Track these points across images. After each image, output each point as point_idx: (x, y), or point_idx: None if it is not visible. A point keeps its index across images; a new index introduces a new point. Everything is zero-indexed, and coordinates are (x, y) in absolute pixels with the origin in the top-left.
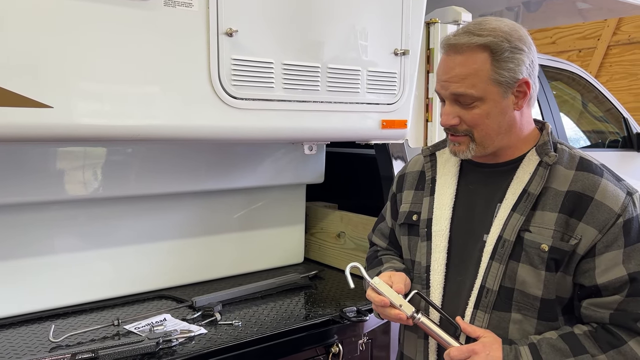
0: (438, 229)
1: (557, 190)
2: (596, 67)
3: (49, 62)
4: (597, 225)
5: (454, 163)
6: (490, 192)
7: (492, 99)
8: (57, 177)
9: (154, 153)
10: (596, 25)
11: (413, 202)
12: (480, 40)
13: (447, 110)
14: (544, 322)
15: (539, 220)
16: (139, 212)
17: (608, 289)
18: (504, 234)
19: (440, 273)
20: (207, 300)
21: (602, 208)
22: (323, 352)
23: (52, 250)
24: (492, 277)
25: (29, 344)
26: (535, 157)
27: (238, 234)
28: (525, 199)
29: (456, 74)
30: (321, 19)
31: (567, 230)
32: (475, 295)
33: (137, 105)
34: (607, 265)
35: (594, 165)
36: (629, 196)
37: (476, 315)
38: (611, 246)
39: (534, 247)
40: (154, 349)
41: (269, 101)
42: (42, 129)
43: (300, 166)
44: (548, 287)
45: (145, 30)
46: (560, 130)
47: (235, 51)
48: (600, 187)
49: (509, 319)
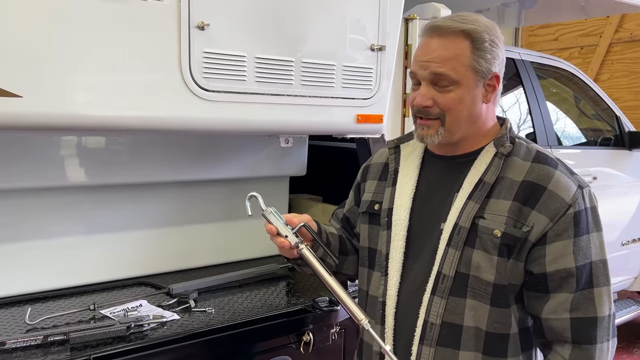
0: (397, 218)
1: (512, 180)
2: (598, 64)
3: (19, 53)
4: (549, 213)
5: (417, 155)
6: (449, 182)
7: (467, 85)
8: (38, 164)
9: (137, 143)
10: (598, 22)
11: (375, 192)
12: (464, 27)
13: (423, 92)
14: (497, 308)
15: (494, 208)
16: (122, 200)
17: (554, 279)
18: (460, 221)
19: (398, 261)
20: (184, 287)
21: (555, 198)
22: (295, 340)
23: (33, 236)
24: (448, 263)
25: (5, 325)
26: (492, 149)
27: (220, 224)
28: (480, 187)
29: (438, 55)
30: (296, 13)
31: (520, 217)
32: (432, 281)
33: (107, 96)
34: (557, 254)
35: (550, 158)
36: (580, 189)
37: (433, 301)
38: (561, 235)
39: (487, 233)
40: (125, 333)
41: (240, 94)
42: (11, 117)
43: (283, 159)
44: (500, 273)
45: (116, 23)
46: (550, 128)
47: (207, 44)
48: (553, 178)
49: (464, 304)
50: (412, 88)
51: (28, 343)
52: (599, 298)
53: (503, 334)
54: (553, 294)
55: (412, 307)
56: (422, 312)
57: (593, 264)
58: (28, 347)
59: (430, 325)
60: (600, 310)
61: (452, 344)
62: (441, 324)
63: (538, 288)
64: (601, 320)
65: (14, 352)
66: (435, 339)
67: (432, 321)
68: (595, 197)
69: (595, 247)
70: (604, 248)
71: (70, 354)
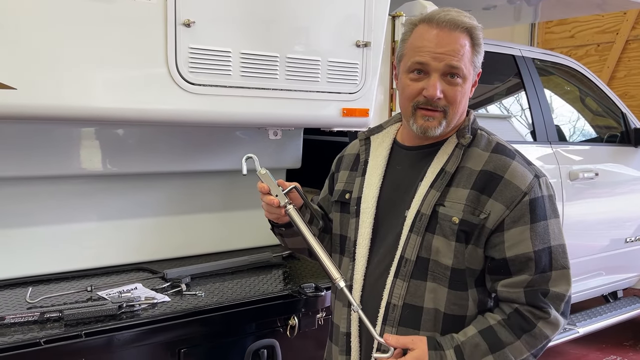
0: (365, 207)
1: (471, 169)
2: (614, 61)
3: (14, 48)
4: (505, 201)
5: (386, 147)
6: (414, 172)
7: (469, 80)
8: (46, 154)
9: (140, 134)
10: (615, 19)
11: (347, 182)
12: (468, 24)
13: (435, 83)
14: (454, 291)
15: (453, 196)
16: (125, 190)
17: (515, 264)
18: (422, 208)
19: (365, 247)
20: (178, 273)
21: (510, 186)
22: (282, 325)
23: (38, 222)
24: (410, 248)
25: (8, 303)
26: (454, 139)
27: (219, 213)
28: (441, 177)
29: (453, 48)
30: (281, 10)
31: (478, 205)
32: (395, 265)
33: (98, 89)
34: (515, 240)
35: (508, 149)
36: (536, 178)
37: (395, 284)
38: (518, 222)
39: (446, 220)
40: (116, 312)
41: (226, 87)
42: (6, 108)
43: (278, 151)
44: (458, 257)
45: (107, 21)
46: (550, 125)
47: (193, 41)
48: (510, 168)
49: (424, 287)
50: (410, 78)
51: (26, 319)
52: (556, 279)
53: (460, 315)
54: (515, 276)
55: (377, 290)
56: (386, 294)
57: (552, 248)
58: (26, 322)
59: (392, 307)
60: (555, 286)
61: (413, 325)
62: (403, 305)
63: (501, 271)
64: (553, 293)
65: (13, 327)
66: (397, 320)
67: (395, 303)
68: (552, 186)
69: (554, 232)
70: (562, 233)
71: (64, 329)
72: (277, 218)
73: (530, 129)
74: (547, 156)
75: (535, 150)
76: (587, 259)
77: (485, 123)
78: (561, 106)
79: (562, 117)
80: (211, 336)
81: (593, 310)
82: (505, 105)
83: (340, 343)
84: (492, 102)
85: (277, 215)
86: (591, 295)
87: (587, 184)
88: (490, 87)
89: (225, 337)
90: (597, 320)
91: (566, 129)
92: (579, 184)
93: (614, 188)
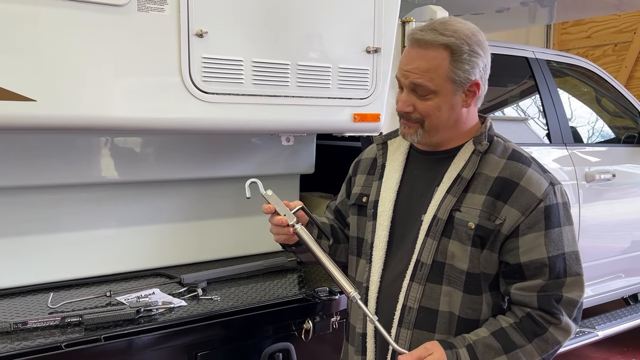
0: (382, 210)
1: (487, 175)
2: (632, 61)
3: (34, 61)
4: (520, 208)
5: (402, 151)
6: (430, 177)
7: (445, 94)
8: (66, 163)
9: (156, 142)
10: (632, 18)
11: (364, 185)
12: (444, 40)
13: (404, 98)
14: (469, 295)
15: (469, 202)
16: (142, 197)
17: (529, 269)
18: (438, 213)
19: (381, 249)
20: (194, 277)
21: (526, 193)
22: (297, 328)
23: (59, 229)
24: (426, 252)
25: (30, 308)
26: (471, 146)
27: (234, 219)
28: (458, 182)
29: (417, 66)
30: (291, 19)
31: (494, 211)
32: (411, 268)
33: (114, 99)
34: (530, 245)
35: (524, 157)
36: (552, 186)
37: (411, 287)
38: (532, 228)
39: (462, 225)
40: (134, 316)
41: (238, 95)
42: (26, 119)
43: (291, 157)
44: (473, 262)
45: (120, 33)
46: (565, 127)
47: (206, 50)
48: (526, 175)
49: (440, 290)
50: (398, 91)
51: (47, 323)
52: (569, 285)
53: (474, 319)
54: (529, 281)
55: (393, 292)
56: (402, 297)
57: (566, 255)
58: (47, 327)
59: (408, 309)
60: (568, 292)
61: (428, 327)
62: (418, 308)
63: (515, 275)
64: (567, 299)
65: (35, 331)
66: (412, 322)
67: (410, 305)
68: (567, 194)
69: (568, 239)
70: (576, 240)
71: (84, 333)
72: (286, 239)
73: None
74: (563, 158)
75: (550, 152)
76: (606, 261)
77: (502, 125)
78: (577, 108)
79: (578, 119)
80: (227, 340)
81: (613, 313)
82: (522, 107)
83: (356, 343)
84: (507, 104)
85: (286, 237)
86: (611, 298)
87: (604, 185)
88: (504, 89)
89: (241, 340)
90: (617, 324)
91: (583, 130)
92: (596, 186)
93: (632, 189)
